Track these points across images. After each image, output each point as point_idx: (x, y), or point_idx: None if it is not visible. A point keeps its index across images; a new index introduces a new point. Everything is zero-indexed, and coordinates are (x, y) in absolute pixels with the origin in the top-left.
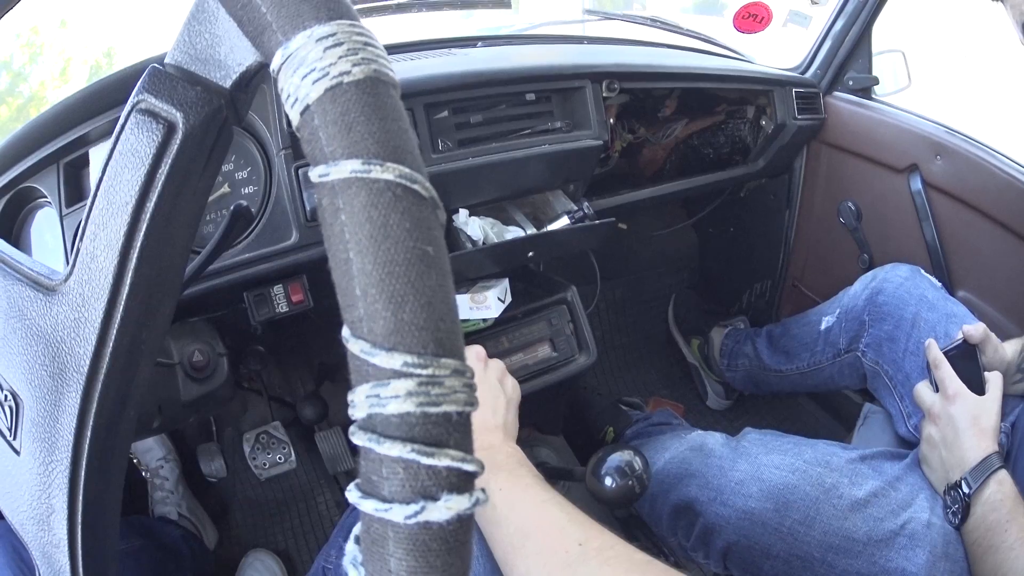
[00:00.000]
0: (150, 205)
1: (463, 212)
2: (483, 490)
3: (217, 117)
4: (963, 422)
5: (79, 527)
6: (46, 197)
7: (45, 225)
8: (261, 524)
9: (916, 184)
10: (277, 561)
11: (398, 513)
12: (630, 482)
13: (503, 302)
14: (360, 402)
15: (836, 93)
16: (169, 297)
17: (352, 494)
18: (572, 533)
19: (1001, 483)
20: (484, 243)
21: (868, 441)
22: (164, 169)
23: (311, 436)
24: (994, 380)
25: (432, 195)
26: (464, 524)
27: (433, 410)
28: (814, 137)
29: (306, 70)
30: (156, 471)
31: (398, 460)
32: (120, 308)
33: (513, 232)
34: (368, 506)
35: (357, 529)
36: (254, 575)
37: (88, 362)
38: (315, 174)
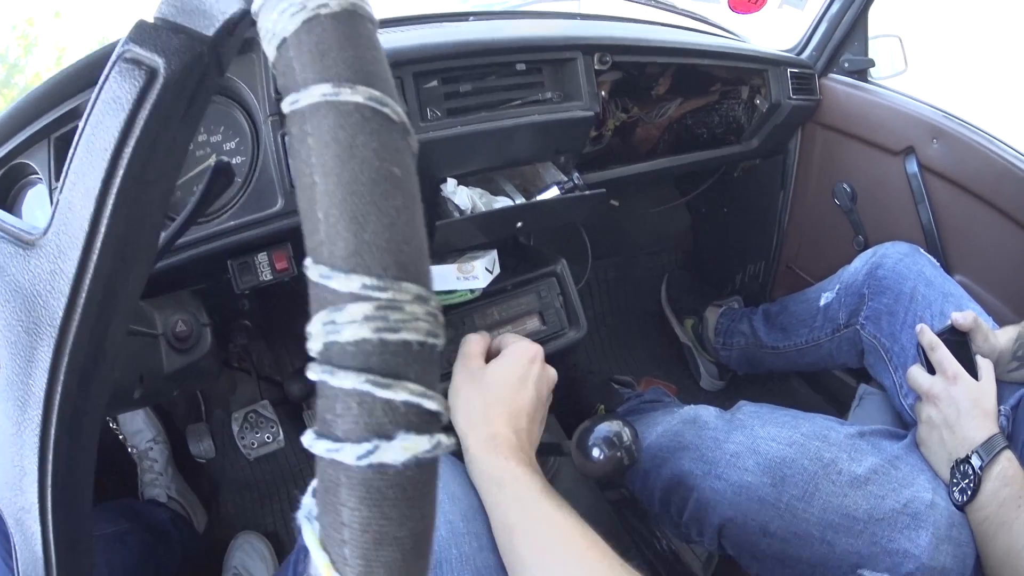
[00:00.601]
0: (128, 150)
1: (451, 181)
2: (448, 435)
3: (198, 64)
4: (965, 403)
5: (49, 489)
6: (38, 173)
7: (36, 202)
8: (250, 506)
9: (912, 167)
10: (266, 543)
11: (349, 453)
12: (618, 453)
13: (491, 273)
14: (317, 332)
15: (832, 75)
16: (144, 252)
17: (306, 437)
18: (611, 553)
19: (1010, 460)
20: (472, 212)
21: (863, 423)
22: (144, 114)
23: (300, 414)
24: (986, 366)
25: (403, 120)
26: (424, 472)
27: (391, 337)
28: (809, 118)
29: (285, 5)
30: (145, 453)
31: (352, 393)
32: (94, 258)
33: (502, 202)
34: (320, 447)
35: (315, 482)
36: (243, 557)
37: (61, 314)
38: (287, 104)
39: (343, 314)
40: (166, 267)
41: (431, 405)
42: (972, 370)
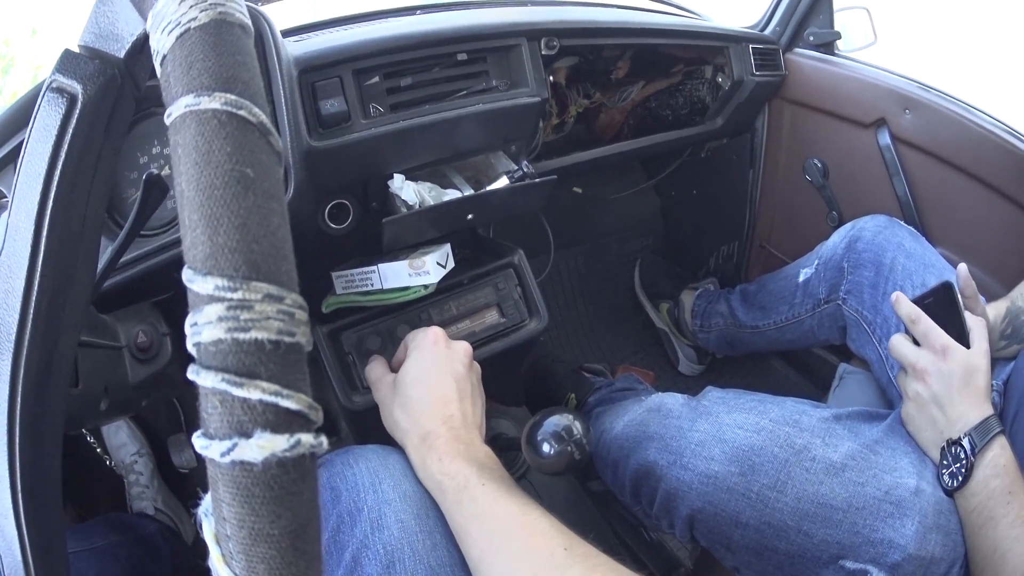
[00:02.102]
0: (57, 172)
1: (398, 177)
2: (320, 438)
3: (112, 85)
4: (956, 381)
5: (20, 493)
6: (7, 197)
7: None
8: None
9: (884, 139)
10: None
11: (216, 450)
12: (568, 448)
13: (443, 267)
14: (188, 334)
15: (797, 49)
16: (84, 265)
17: (195, 437)
18: (556, 538)
19: (1003, 447)
20: (420, 207)
21: (844, 403)
22: (67, 137)
23: None
24: (978, 329)
25: (261, 120)
26: (290, 472)
27: (243, 336)
28: (775, 94)
29: (165, 23)
30: (131, 467)
31: (214, 392)
32: (38, 274)
33: (451, 196)
34: (197, 444)
35: None
36: None
37: (15, 329)
38: (166, 119)
39: (202, 315)
40: (124, 280)
41: (289, 404)
42: (962, 334)
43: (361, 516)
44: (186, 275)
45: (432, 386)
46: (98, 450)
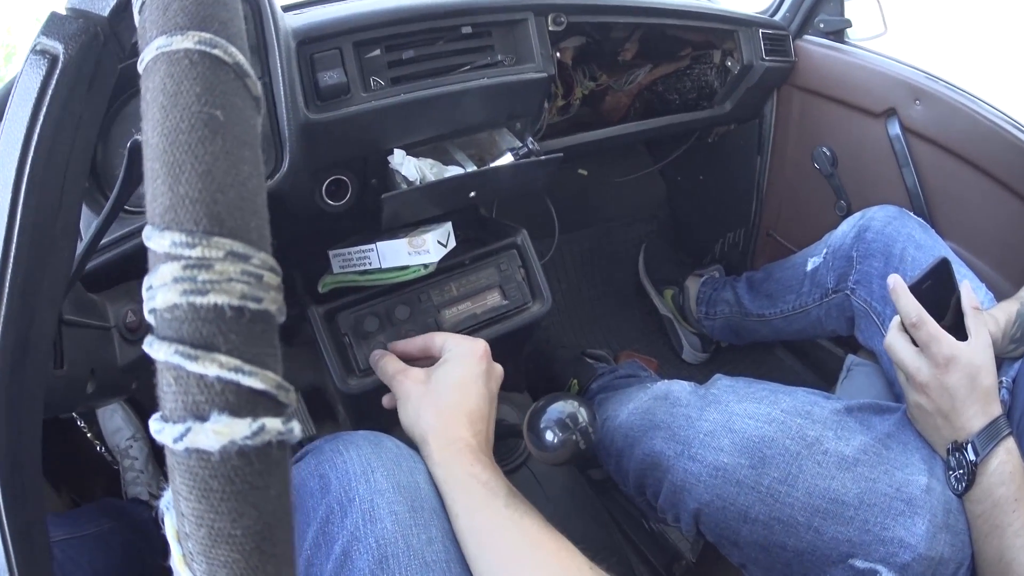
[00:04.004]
0: (35, 136)
1: (399, 152)
2: (290, 424)
3: (94, 44)
4: (961, 391)
5: None
6: None
7: None
8: None
9: (894, 129)
10: None
11: (168, 435)
12: (573, 437)
13: (444, 246)
14: (144, 299)
15: (807, 36)
16: (64, 237)
17: (152, 420)
18: (581, 556)
19: (1010, 452)
20: (421, 183)
21: (852, 395)
22: (47, 99)
23: None
24: (974, 319)
25: (237, 60)
26: (253, 463)
27: (200, 300)
28: (784, 81)
29: None
30: (125, 452)
31: (167, 366)
32: (13, 244)
33: (453, 172)
34: (153, 428)
35: None
36: None
37: None
38: (139, 67)
39: (156, 277)
40: (113, 258)
41: (252, 383)
42: (959, 318)
43: (352, 507)
44: (145, 232)
45: (470, 397)
46: (88, 435)
